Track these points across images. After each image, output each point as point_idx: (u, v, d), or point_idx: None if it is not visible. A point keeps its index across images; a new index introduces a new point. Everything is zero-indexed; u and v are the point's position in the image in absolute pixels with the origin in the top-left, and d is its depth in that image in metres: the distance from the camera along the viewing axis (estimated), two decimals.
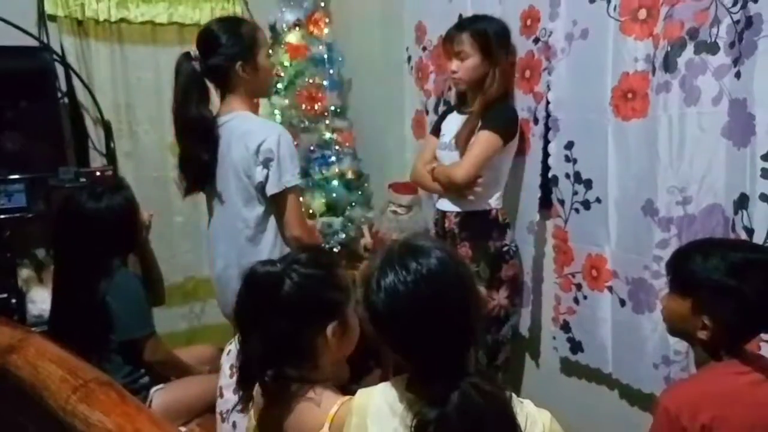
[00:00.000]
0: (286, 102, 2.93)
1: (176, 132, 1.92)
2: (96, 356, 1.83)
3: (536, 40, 2.10)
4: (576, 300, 2.08)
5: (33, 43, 2.73)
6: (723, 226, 1.63)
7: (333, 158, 2.97)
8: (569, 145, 2.02)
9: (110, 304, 1.91)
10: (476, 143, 2.04)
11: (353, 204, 2.99)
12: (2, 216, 2.48)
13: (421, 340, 1.01)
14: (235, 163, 1.85)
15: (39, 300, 2.52)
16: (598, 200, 1.95)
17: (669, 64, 1.68)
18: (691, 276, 1.27)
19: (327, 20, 3.02)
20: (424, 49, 2.63)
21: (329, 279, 1.24)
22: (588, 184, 1.98)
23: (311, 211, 2.89)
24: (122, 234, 1.97)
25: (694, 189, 1.67)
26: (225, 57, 1.84)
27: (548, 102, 2.06)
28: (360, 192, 3.04)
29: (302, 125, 2.94)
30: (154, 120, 3.08)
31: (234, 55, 1.84)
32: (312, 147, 2.94)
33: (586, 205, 2.00)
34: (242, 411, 1.28)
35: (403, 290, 1.00)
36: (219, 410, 1.63)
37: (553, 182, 2.08)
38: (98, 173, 2.69)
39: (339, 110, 3.03)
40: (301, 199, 2.45)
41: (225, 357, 1.62)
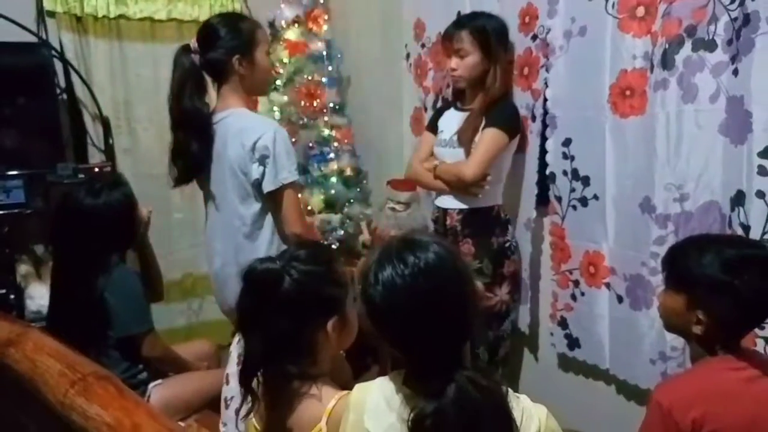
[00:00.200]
0: (285, 99, 2.94)
1: (171, 124, 1.93)
2: (94, 352, 1.83)
3: (534, 38, 2.11)
4: (573, 296, 2.09)
5: (32, 39, 2.73)
6: (720, 223, 1.63)
7: (331, 155, 2.97)
8: (567, 142, 2.02)
9: (108, 300, 1.91)
10: (483, 141, 2.04)
11: (352, 201, 3.00)
12: (1, 212, 2.47)
13: (418, 334, 1.01)
14: (231, 161, 1.85)
15: (37, 296, 2.52)
16: (596, 197, 1.96)
17: (667, 62, 1.68)
18: (686, 272, 1.27)
19: (326, 17, 3.03)
20: (423, 46, 2.63)
21: (328, 275, 1.24)
22: (585, 181, 1.98)
23: (309, 208, 2.90)
24: (120, 230, 1.97)
25: (691, 186, 1.68)
26: (223, 50, 1.84)
27: (546, 99, 2.07)
28: (358, 189, 3.04)
29: (301, 122, 2.94)
30: (153, 117, 3.08)
31: (231, 49, 1.84)
32: (311, 144, 2.95)
33: (584, 202, 2.00)
34: (247, 414, 1.26)
35: (401, 284, 1.00)
36: (223, 396, 1.63)
37: (551, 179, 2.08)
38: (97, 170, 2.69)
39: (338, 107, 3.03)
40: (300, 196, 2.45)
41: (234, 345, 1.61)
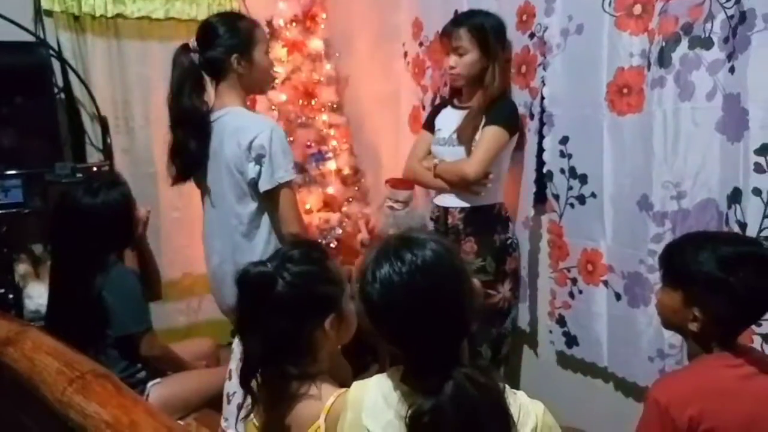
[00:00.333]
0: (283, 97, 2.94)
1: (170, 122, 1.93)
2: (93, 351, 1.83)
3: (532, 36, 2.11)
4: (571, 294, 2.09)
5: (29, 39, 2.72)
6: (717, 221, 1.64)
7: (330, 154, 2.97)
8: (564, 140, 2.02)
9: (107, 299, 1.91)
10: (485, 139, 2.04)
11: (350, 199, 3.00)
12: None
13: (416, 331, 1.01)
14: (228, 160, 1.85)
15: (36, 295, 2.52)
16: (593, 195, 1.96)
17: (664, 60, 1.69)
18: (683, 268, 1.28)
19: (324, 16, 3.03)
20: (421, 45, 2.63)
21: (322, 274, 1.24)
22: (583, 179, 1.99)
23: (308, 207, 2.90)
24: (118, 229, 1.98)
25: (689, 184, 1.69)
26: (221, 49, 1.85)
27: (543, 97, 2.07)
28: (357, 188, 3.05)
29: (299, 121, 2.94)
30: (151, 116, 3.08)
31: (230, 48, 1.84)
32: (309, 143, 2.95)
33: (581, 200, 2.00)
34: (247, 416, 1.27)
35: (398, 281, 1.00)
36: (226, 391, 1.63)
37: (548, 177, 2.09)
38: (95, 169, 2.68)
39: (336, 106, 3.04)
40: (297, 195, 2.45)
41: (237, 341, 1.62)
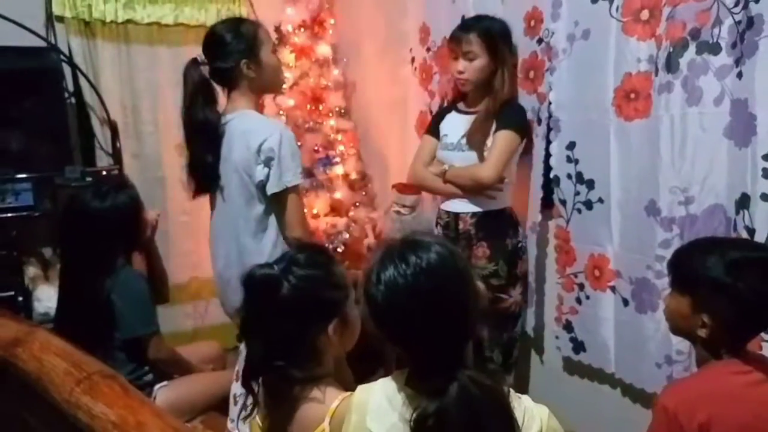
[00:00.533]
0: (291, 102, 2.95)
1: (185, 136, 1.95)
2: (100, 353, 1.84)
3: (540, 41, 2.11)
4: (578, 300, 2.09)
5: (41, 44, 2.75)
6: (725, 226, 1.63)
7: (337, 159, 2.98)
8: (571, 146, 2.02)
9: (115, 303, 1.92)
10: (498, 143, 2.04)
11: (357, 204, 3.00)
12: (9, 215, 2.49)
13: (420, 333, 1.01)
14: (236, 162, 1.86)
15: (45, 298, 2.54)
16: (601, 200, 1.96)
17: (671, 65, 1.69)
18: (691, 274, 1.27)
19: (332, 21, 3.04)
20: (428, 51, 2.64)
21: (327, 278, 1.24)
22: (590, 185, 1.99)
23: (315, 212, 2.91)
24: (126, 232, 1.99)
25: (696, 189, 1.68)
26: (229, 57, 1.85)
27: (550, 102, 2.07)
28: (364, 192, 3.05)
29: (307, 126, 2.95)
30: (160, 120, 3.10)
31: (237, 54, 1.85)
32: (316, 147, 2.96)
33: (589, 206, 2.00)
34: (246, 418, 1.27)
35: (403, 283, 1.01)
36: (233, 393, 1.63)
37: (555, 182, 2.09)
38: (104, 173, 2.70)
39: (343, 111, 3.04)
40: (305, 200, 2.46)
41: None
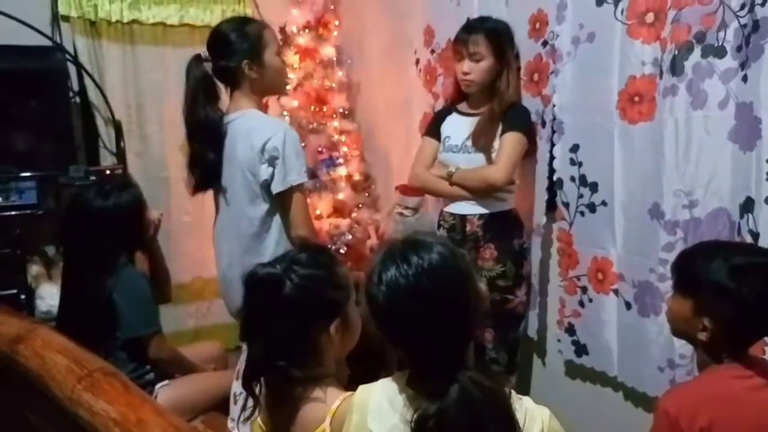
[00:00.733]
0: (295, 103, 2.96)
1: (186, 133, 1.95)
2: (102, 352, 1.84)
3: (544, 43, 2.11)
4: (581, 303, 2.08)
5: (46, 43, 2.77)
6: (729, 230, 1.62)
7: (340, 160, 2.99)
8: (574, 148, 2.02)
9: (117, 302, 1.93)
10: (507, 145, 2.04)
11: (360, 206, 3.01)
12: (13, 213, 2.50)
13: (421, 334, 1.01)
14: (241, 162, 1.86)
15: (48, 296, 2.54)
16: (604, 203, 1.95)
17: (676, 68, 1.68)
18: (694, 277, 1.27)
19: (337, 23, 3.05)
20: (433, 52, 2.64)
21: (329, 278, 1.24)
22: (594, 187, 1.98)
23: (318, 212, 2.91)
24: (129, 231, 1.99)
25: (700, 192, 1.67)
26: (233, 57, 1.86)
27: (555, 105, 2.07)
28: (367, 194, 3.06)
29: (310, 127, 2.96)
30: (164, 120, 3.11)
31: (241, 54, 1.85)
32: (320, 148, 2.97)
33: (592, 208, 2.00)
34: (247, 419, 1.26)
35: (404, 284, 1.00)
36: (233, 392, 1.63)
37: (558, 185, 2.08)
38: (108, 172, 2.71)
39: (347, 112, 3.05)
40: (308, 200, 2.46)
41: None
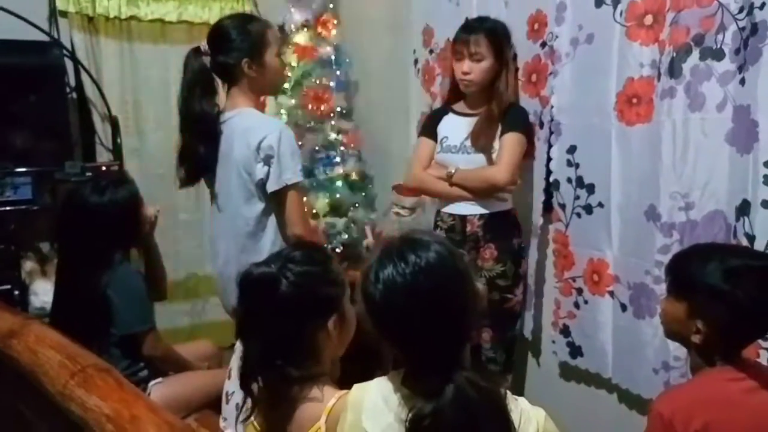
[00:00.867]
0: (293, 102, 2.95)
1: (180, 126, 1.94)
2: (96, 348, 1.82)
3: (543, 44, 2.11)
4: (576, 304, 2.08)
5: (43, 38, 2.76)
6: (725, 232, 1.62)
7: (338, 159, 2.98)
8: (572, 150, 2.02)
9: (111, 298, 1.92)
10: (508, 145, 2.05)
11: (357, 205, 3.00)
12: (8, 208, 2.49)
13: (418, 333, 1.00)
14: (237, 161, 1.85)
15: (41, 292, 2.53)
16: (601, 205, 1.95)
17: (674, 70, 1.68)
18: (688, 279, 1.27)
19: (335, 22, 3.04)
20: (431, 52, 2.64)
21: (325, 274, 1.25)
22: (590, 189, 1.98)
23: (314, 211, 2.90)
24: (125, 227, 1.98)
25: (697, 195, 1.67)
26: (232, 53, 1.85)
27: (552, 106, 2.07)
28: (364, 193, 3.05)
29: (308, 126, 2.95)
30: (161, 118, 3.11)
31: (241, 52, 1.85)
32: (317, 147, 2.96)
33: (588, 210, 2.00)
34: (246, 420, 1.26)
35: (401, 282, 1.00)
36: (225, 391, 1.63)
37: (555, 186, 2.08)
38: (104, 168, 2.70)
39: (345, 111, 3.04)
40: (305, 199, 2.46)
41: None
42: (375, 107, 3.11)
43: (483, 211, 2.13)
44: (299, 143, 2.69)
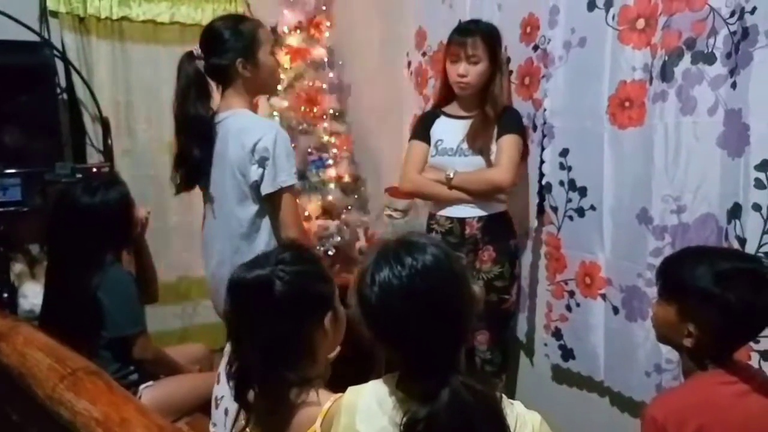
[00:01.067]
0: (286, 104, 2.94)
1: (175, 130, 1.93)
2: (86, 351, 1.81)
3: (536, 48, 2.12)
4: (568, 307, 2.08)
5: (34, 39, 2.73)
6: (716, 235, 1.63)
7: (330, 161, 2.97)
8: (564, 153, 2.03)
9: (102, 300, 1.90)
10: (506, 147, 2.06)
11: (349, 207, 2.99)
12: None
13: (413, 336, 1.00)
14: (231, 161, 1.85)
15: (31, 295, 2.50)
16: (593, 208, 1.96)
17: (666, 74, 1.69)
18: (679, 282, 1.27)
19: (328, 24, 3.04)
20: (424, 55, 2.65)
21: (317, 272, 1.25)
22: (582, 192, 1.99)
23: (307, 214, 2.90)
24: (116, 229, 1.97)
25: (689, 198, 1.68)
26: (226, 54, 1.84)
27: (545, 109, 2.07)
28: (356, 196, 3.04)
29: (300, 128, 2.94)
30: (153, 119, 3.08)
31: (234, 53, 1.84)
32: (310, 149, 2.95)
33: (581, 213, 2.00)
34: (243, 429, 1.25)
35: (397, 284, 0.99)
36: (214, 395, 1.62)
37: (547, 189, 2.09)
38: (95, 170, 2.68)
39: (337, 114, 3.03)
40: (298, 201, 2.44)
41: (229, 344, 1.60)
42: (368, 110, 3.11)
43: (482, 213, 2.13)
44: (292, 145, 2.68)
